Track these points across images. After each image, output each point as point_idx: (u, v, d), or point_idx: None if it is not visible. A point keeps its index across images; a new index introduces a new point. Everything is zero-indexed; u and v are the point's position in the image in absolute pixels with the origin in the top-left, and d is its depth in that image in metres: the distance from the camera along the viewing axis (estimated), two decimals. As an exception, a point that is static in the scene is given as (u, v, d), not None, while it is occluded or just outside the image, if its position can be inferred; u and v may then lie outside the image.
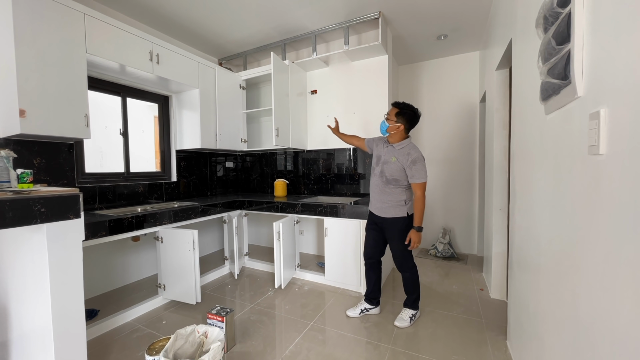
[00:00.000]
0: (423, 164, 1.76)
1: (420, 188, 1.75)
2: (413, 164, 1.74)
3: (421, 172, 1.74)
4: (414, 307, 1.92)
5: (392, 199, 1.83)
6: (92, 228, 1.69)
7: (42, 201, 1.12)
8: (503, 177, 2.17)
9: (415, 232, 1.77)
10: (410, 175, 1.76)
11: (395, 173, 1.80)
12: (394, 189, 1.83)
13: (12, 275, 1.37)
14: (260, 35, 2.88)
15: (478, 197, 3.31)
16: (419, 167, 1.74)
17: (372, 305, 2.02)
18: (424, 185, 1.75)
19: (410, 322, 1.87)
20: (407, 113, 1.80)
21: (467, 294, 2.34)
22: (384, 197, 1.86)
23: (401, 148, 1.80)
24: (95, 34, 1.89)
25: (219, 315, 1.60)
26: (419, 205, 1.75)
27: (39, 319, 1.23)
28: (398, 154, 1.80)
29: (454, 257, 3.25)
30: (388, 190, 1.84)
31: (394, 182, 1.82)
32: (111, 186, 2.33)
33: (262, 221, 3.57)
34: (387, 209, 1.85)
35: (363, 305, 2.03)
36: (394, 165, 1.80)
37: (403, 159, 1.77)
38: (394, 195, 1.83)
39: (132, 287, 2.39)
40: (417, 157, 1.75)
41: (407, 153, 1.77)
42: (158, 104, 2.80)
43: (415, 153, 1.76)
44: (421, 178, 1.74)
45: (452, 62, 3.38)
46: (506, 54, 1.85)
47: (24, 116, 1.58)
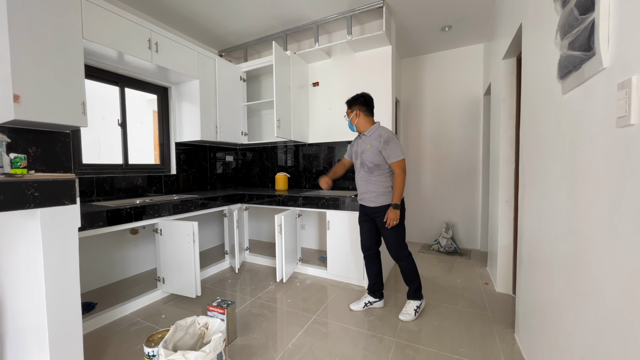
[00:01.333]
0: (396, 142, 1.75)
1: (398, 166, 1.74)
2: (386, 144, 1.74)
3: (396, 150, 1.73)
4: (416, 297, 1.88)
5: (378, 187, 1.82)
6: (89, 218, 1.64)
7: (36, 185, 1.07)
8: (509, 168, 2.12)
9: (392, 209, 1.75)
10: (387, 156, 1.75)
11: (374, 158, 1.79)
12: (378, 177, 1.82)
13: (5, 266, 1.32)
14: (261, 26, 2.83)
15: (482, 191, 3.27)
16: (392, 145, 1.74)
17: (375, 298, 1.98)
18: (403, 162, 1.74)
19: (416, 315, 1.83)
20: (356, 100, 1.86)
21: (471, 287, 2.30)
22: (370, 186, 1.85)
23: (372, 133, 1.83)
24: (93, 19, 1.84)
25: (220, 308, 1.56)
26: (398, 181, 1.74)
27: (33, 311, 1.18)
28: (370, 139, 1.81)
29: (457, 252, 3.21)
30: (373, 179, 1.83)
31: (377, 170, 1.81)
32: (109, 178, 2.28)
33: (263, 216, 3.52)
34: (375, 198, 1.83)
35: (367, 298, 1.99)
36: (369, 152, 1.81)
37: (375, 142, 1.78)
38: (379, 183, 1.82)
39: (130, 281, 2.35)
40: (388, 136, 1.76)
41: (378, 136, 1.79)
42: (157, 95, 2.75)
43: (385, 133, 1.78)
44: (397, 156, 1.73)
45: (456, 54, 3.33)
46: (514, 41, 1.81)
47: (19, 101, 1.53)
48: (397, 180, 1.74)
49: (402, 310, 1.87)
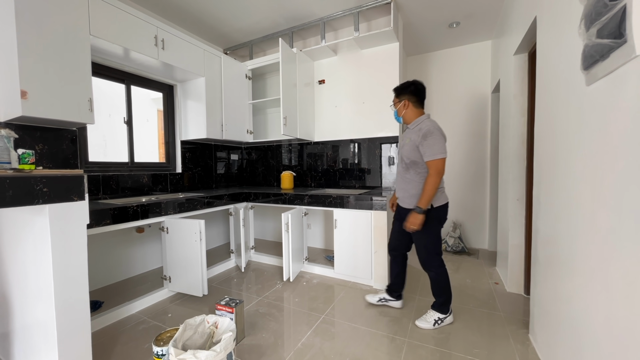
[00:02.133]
0: (436, 137, 1.53)
1: (432, 166, 1.53)
2: (424, 139, 1.54)
3: (433, 147, 1.51)
4: (441, 310, 1.71)
5: (413, 187, 1.67)
6: (96, 216, 1.62)
7: (45, 180, 1.05)
8: (520, 166, 2.08)
9: (413, 213, 1.59)
10: (423, 152, 1.56)
11: (411, 154, 1.63)
12: (414, 176, 1.67)
13: (13, 262, 1.30)
14: (267, 23, 2.81)
15: (489, 190, 3.22)
16: (431, 141, 1.52)
17: (392, 297, 1.92)
18: (439, 163, 1.52)
19: (435, 326, 1.68)
20: (406, 88, 1.69)
21: (482, 287, 2.26)
22: (405, 185, 1.72)
23: (415, 126, 1.66)
24: (99, 16, 1.82)
25: (228, 306, 1.54)
26: (429, 185, 1.53)
27: (41, 308, 1.17)
28: (412, 132, 1.65)
29: (465, 251, 3.17)
30: (409, 177, 1.70)
31: (413, 167, 1.67)
32: (115, 176, 2.27)
33: (268, 214, 3.50)
34: (409, 198, 1.70)
35: (383, 294, 1.95)
36: (408, 147, 1.66)
37: (415, 136, 1.60)
38: (414, 183, 1.67)
39: (136, 280, 2.33)
40: (428, 129, 1.55)
41: (419, 129, 1.61)
42: (163, 93, 2.73)
43: (426, 126, 1.57)
44: (432, 154, 1.52)
45: (463, 52, 3.30)
46: (527, 36, 1.77)
47: (26, 97, 1.52)
48: (427, 181, 1.53)
49: (422, 316, 1.75)
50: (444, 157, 1.53)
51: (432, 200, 1.64)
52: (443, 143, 1.54)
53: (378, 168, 2.80)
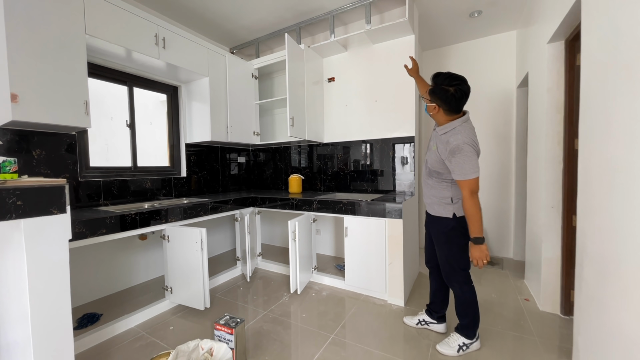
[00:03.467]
0: (466, 155, 1.31)
1: (465, 187, 1.33)
2: (452, 156, 1.34)
3: (464, 166, 1.31)
4: (466, 334, 1.51)
5: (436, 194, 1.51)
6: (91, 225, 1.53)
7: (18, 192, 0.94)
8: (555, 169, 1.84)
9: (473, 245, 1.36)
10: (451, 169, 1.37)
11: (435, 164, 1.46)
12: (437, 182, 1.50)
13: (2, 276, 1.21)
14: (273, 18, 2.67)
15: (515, 193, 2.96)
16: (460, 159, 1.32)
17: (432, 319, 1.71)
18: (471, 183, 1.32)
19: (459, 352, 1.49)
20: (439, 90, 1.37)
21: (509, 304, 2.03)
22: (427, 190, 1.57)
23: (444, 133, 1.41)
24: (96, 13, 1.73)
25: (227, 327, 1.40)
26: (468, 209, 1.34)
27: (20, 330, 1.06)
28: (439, 140, 1.44)
29: (487, 260, 2.91)
30: (431, 183, 1.53)
31: (435, 175, 1.50)
32: (117, 181, 2.18)
33: (276, 219, 3.37)
34: (432, 205, 1.55)
35: (422, 315, 1.75)
36: (433, 155, 1.48)
37: (442, 148, 1.40)
38: (437, 189, 1.51)
39: (138, 289, 2.24)
40: (457, 146, 1.32)
41: (446, 141, 1.37)
42: (167, 95, 2.65)
43: (455, 141, 1.33)
44: (464, 174, 1.32)
45: (484, 44, 3.04)
46: (567, 20, 1.54)
47: (16, 101, 1.43)
48: (466, 206, 1.34)
49: (444, 339, 1.56)
50: (476, 176, 1.32)
51: (455, 210, 1.46)
52: (475, 160, 1.32)
53: (391, 170, 2.60)
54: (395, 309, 1.98)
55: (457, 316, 1.55)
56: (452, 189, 1.47)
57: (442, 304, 1.69)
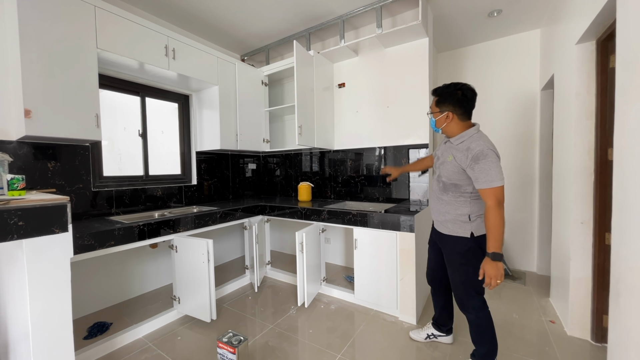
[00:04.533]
0: (491, 160, 1.22)
1: (490, 196, 1.22)
2: (475, 162, 1.24)
3: (489, 173, 1.21)
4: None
5: (451, 211, 1.38)
6: (100, 237, 1.54)
7: (20, 213, 0.95)
8: (586, 181, 1.68)
9: (490, 261, 1.21)
10: (474, 178, 1.26)
11: (453, 176, 1.35)
12: (454, 198, 1.38)
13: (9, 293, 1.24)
14: (283, 25, 2.64)
15: (539, 204, 2.76)
16: (485, 165, 1.22)
17: (441, 332, 1.68)
18: (497, 192, 1.21)
19: None
20: (449, 95, 1.34)
21: (532, 326, 1.88)
22: (441, 207, 1.43)
23: (461, 142, 1.33)
24: (107, 28, 1.76)
25: (229, 345, 1.36)
26: (491, 220, 1.21)
27: (24, 344, 1.07)
28: (456, 150, 1.34)
29: (508, 274, 2.74)
30: (446, 199, 1.40)
31: (453, 189, 1.37)
32: (129, 190, 2.22)
33: (286, 226, 3.33)
34: (445, 223, 1.42)
35: (430, 329, 1.70)
36: (450, 166, 1.36)
37: (461, 156, 1.30)
38: (453, 206, 1.38)
39: (148, 297, 2.27)
40: (480, 151, 1.23)
41: (466, 148, 1.29)
42: (178, 104, 2.68)
43: (477, 146, 1.25)
44: (489, 181, 1.21)
45: (505, 44, 2.87)
46: (598, 19, 1.40)
47: (30, 116, 1.47)
48: (489, 217, 1.21)
49: None
50: (503, 184, 1.22)
51: (472, 228, 1.35)
52: (500, 167, 1.23)
53: (405, 179, 2.50)
54: (406, 326, 1.88)
55: (474, 343, 1.44)
56: (470, 204, 1.35)
57: (449, 318, 1.67)
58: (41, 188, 1.75)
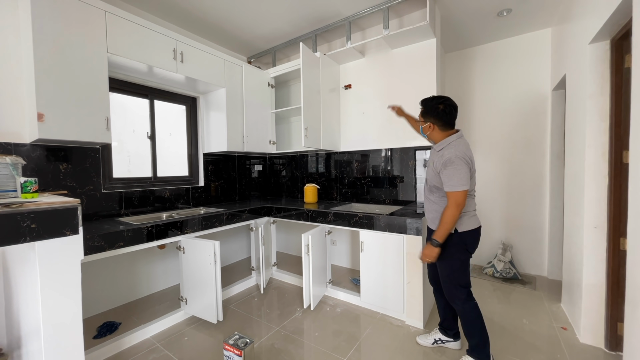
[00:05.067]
0: (456, 167, 1.35)
1: (451, 198, 1.37)
2: (444, 168, 1.39)
3: (452, 178, 1.35)
4: (478, 356, 1.44)
5: (438, 209, 1.50)
6: (109, 238, 1.57)
7: (32, 216, 0.97)
8: (599, 185, 1.64)
9: (429, 245, 1.43)
10: (443, 181, 1.41)
11: (433, 179, 1.50)
12: (438, 198, 1.51)
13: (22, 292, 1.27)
14: (289, 27, 2.65)
15: (549, 207, 2.70)
16: (450, 171, 1.36)
17: (448, 337, 1.67)
18: (457, 196, 1.35)
19: None
20: (432, 108, 1.47)
21: (543, 332, 1.84)
22: (430, 206, 1.57)
23: (440, 149, 1.47)
24: (116, 32, 1.79)
25: (236, 348, 1.37)
26: (446, 217, 1.37)
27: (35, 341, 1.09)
28: (436, 155, 1.49)
29: (518, 278, 2.69)
30: (433, 199, 1.54)
31: (436, 191, 1.51)
32: (138, 191, 2.25)
33: (292, 228, 3.33)
34: (434, 220, 1.54)
35: (437, 334, 1.70)
36: (430, 170, 1.53)
37: (437, 161, 1.45)
38: (438, 205, 1.51)
39: (156, 297, 2.30)
40: (449, 159, 1.37)
41: (441, 155, 1.44)
42: (186, 106, 2.71)
43: (448, 154, 1.39)
44: (452, 186, 1.36)
45: (514, 44, 2.82)
46: (613, 18, 1.36)
47: (42, 120, 1.51)
48: (445, 213, 1.38)
49: None
50: (464, 189, 1.35)
51: (457, 225, 1.44)
52: (464, 173, 1.35)
53: (412, 180, 2.47)
54: (413, 331, 1.86)
55: (466, 337, 1.50)
56: None
57: (454, 320, 1.67)
58: (53, 190, 1.79)
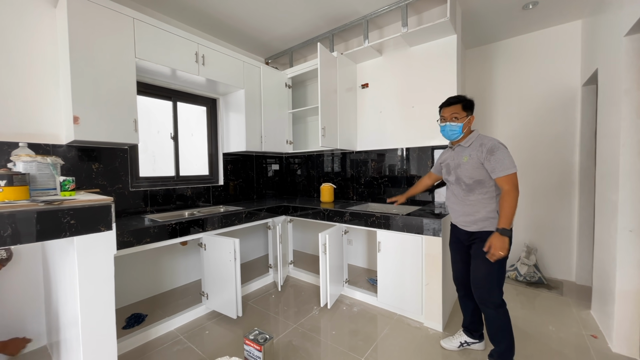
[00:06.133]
0: (504, 151, 1.37)
1: (507, 182, 1.34)
2: (490, 154, 1.37)
3: (504, 162, 1.34)
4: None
5: (481, 209, 1.44)
6: (137, 234, 1.65)
7: (72, 212, 1.04)
8: (635, 185, 1.54)
9: (498, 235, 1.32)
10: (491, 169, 1.37)
11: (475, 173, 1.43)
12: (480, 197, 1.44)
13: (61, 283, 1.36)
14: (307, 27, 2.67)
15: (578, 208, 2.57)
16: (499, 155, 1.35)
17: (474, 339, 1.64)
18: (514, 177, 1.34)
19: None
20: (470, 103, 1.50)
21: (571, 340, 1.75)
22: (468, 208, 1.48)
23: (470, 143, 1.47)
24: (144, 38, 1.88)
25: (256, 343, 1.40)
26: (507, 200, 1.32)
27: (73, 329, 1.18)
28: (469, 150, 1.47)
29: (543, 283, 2.58)
30: (473, 200, 1.46)
31: (478, 188, 1.44)
32: (162, 190, 2.35)
33: (308, 227, 3.36)
34: (476, 222, 1.46)
35: (462, 337, 1.66)
36: (468, 165, 1.45)
37: (476, 153, 1.43)
38: (480, 205, 1.44)
39: (178, 292, 2.39)
40: (494, 144, 1.39)
41: (479, 145, 1.43)
42: (206, 107, 2.79)
43: (490, 141, 1.41)
44: (505, 169, 1.34)
45: (541, 37, 2.70)
46: (653, 8, 1.27)
47: (78, 123, 1.61)
48: (505, 199, 1.33)
49: None
50: (516, 170, 1.35)
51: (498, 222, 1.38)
52: (511, 156, 1.38)
53: (430, 181, 2.42)
54: (432, 333, 1.83)
55: (493, 342, 1.46)
56: (496, 200, 1.43)
57: (480, 322, 1.65)
58: (87, 188, 1.90)
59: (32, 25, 1.67)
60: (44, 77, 1.71)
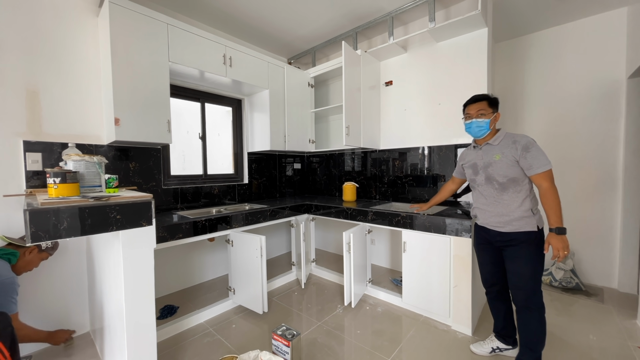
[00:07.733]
0: (538, 148, 1.35)
1: (545, 178, 1.31)
2: (526, 151, 1.34)
3: (540, 158, 1.32)
4: None
5: (515, 209, 1.39)
6: (171, 230, 1.73)
7: (118, 208, 1.11)
8: (694, 185, 1.41)
9: (556, 235, 1.28)
10: (527, 166, 1.34)
11: (509, 171, 1.39)
12: (514, 194, 1.40)
13: (106, 274, 1.46)
14: (330, 26, 2.67)
15: (622, 211, 2.39)
16: (535, 152, 1.33)
17: (507, 345, 1.59)
18: (550, 173, 1.31)
19: None
20: (496, 101, 1.48)
21: (615, 351, 1.64)
22: (502, 208, 1.43)
23: (500, 141, 1.45)
24: (176, 42, 1.96)
25: (284, 339, 1.43)
26: (550, 197, 1.29)
27: (118, 317, 1.26)
28: (500, 148, 1.43)
29: (581, 289, 2.42)
30: (507, 199, 1.41)
31: (512, 186, 1.40)
32: (191, 188, 2.45)
33: (330, 226, 3.37)
34: (510, 222, 1.41)
35: (494, 342, 1.61)
36: (501, 163, 1.41)
37: (510, 150, 1.39)
38: (516, 203, 1.39)
39: (206, 286, 2.49)
40: (528, 141, 1.36)
41: (512, 142, 1.40)
42: (232, 108, 2.88)
43: (523, 138, 1.38)
44: (542, 165, 1.31)
45: (579, 28, 2.53)
46: None
47: (118, 124, 1.71)
48: (549, 196, 1.30)
49: None
50: (551, 167, 1.33)
51: (537, 221, 1.39)
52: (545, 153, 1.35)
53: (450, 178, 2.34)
54: (460, 337, 1.78)
55: (526, 346, 1.39)
56: (530, 199, 1.40)
57: (514, 327, 1.60)
58: (125, 186, 2.02)
59: (76, 34, 1.79)
60: (87, 81, 1.84)
